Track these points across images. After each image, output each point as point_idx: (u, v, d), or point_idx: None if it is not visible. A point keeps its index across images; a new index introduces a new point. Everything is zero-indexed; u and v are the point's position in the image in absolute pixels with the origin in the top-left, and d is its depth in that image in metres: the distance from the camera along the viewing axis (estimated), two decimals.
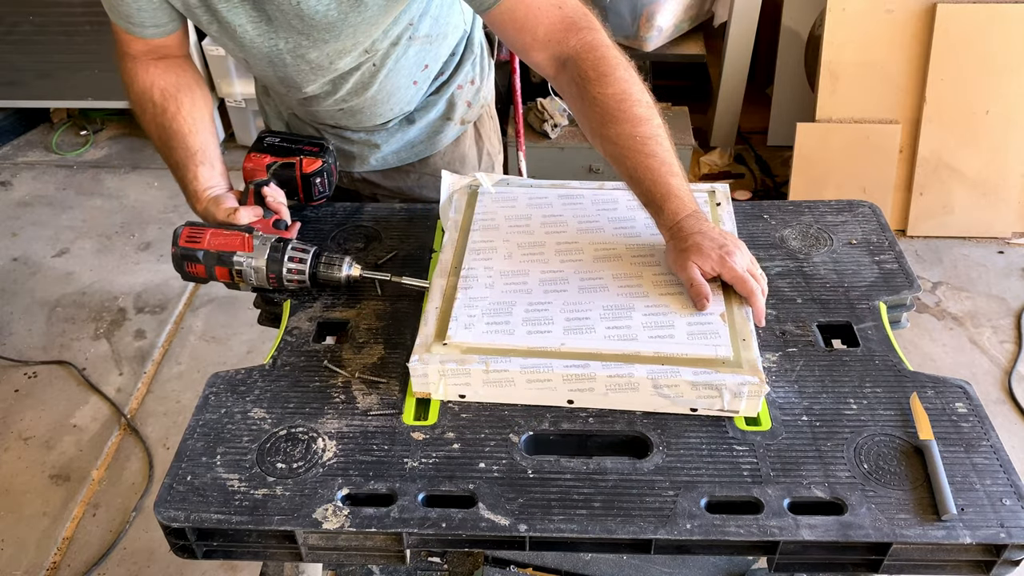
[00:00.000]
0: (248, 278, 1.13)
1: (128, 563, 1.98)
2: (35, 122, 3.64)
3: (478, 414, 1.00)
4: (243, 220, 1.15)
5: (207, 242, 1.12)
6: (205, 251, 1.12)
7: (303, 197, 1.28)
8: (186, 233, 1.13)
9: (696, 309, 1.03)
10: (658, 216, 1.08)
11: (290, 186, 1.26)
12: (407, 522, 0.88)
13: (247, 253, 1.11)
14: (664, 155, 1.06)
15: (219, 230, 1.13)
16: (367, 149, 1.38)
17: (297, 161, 1.25)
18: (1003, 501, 0.88)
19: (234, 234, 1.13)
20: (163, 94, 1.21)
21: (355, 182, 1.45)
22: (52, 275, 2.86)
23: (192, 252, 1.12)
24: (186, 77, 1.24)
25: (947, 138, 2.74)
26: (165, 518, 0.90)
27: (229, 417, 1.01)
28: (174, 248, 1.14)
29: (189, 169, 1.19)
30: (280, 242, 1.13)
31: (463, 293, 1.07)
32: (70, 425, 2.32)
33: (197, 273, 1.14)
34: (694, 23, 3.07)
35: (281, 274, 1.12)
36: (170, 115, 1.20)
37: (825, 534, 0.86)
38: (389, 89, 1.27)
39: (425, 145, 1.40)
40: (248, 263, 1.11)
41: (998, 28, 2.62)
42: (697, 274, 1.03)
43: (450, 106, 1.38)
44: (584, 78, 1.07)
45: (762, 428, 0.97)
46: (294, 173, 1.26)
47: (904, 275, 1.18)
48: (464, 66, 1.36)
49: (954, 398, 0.99)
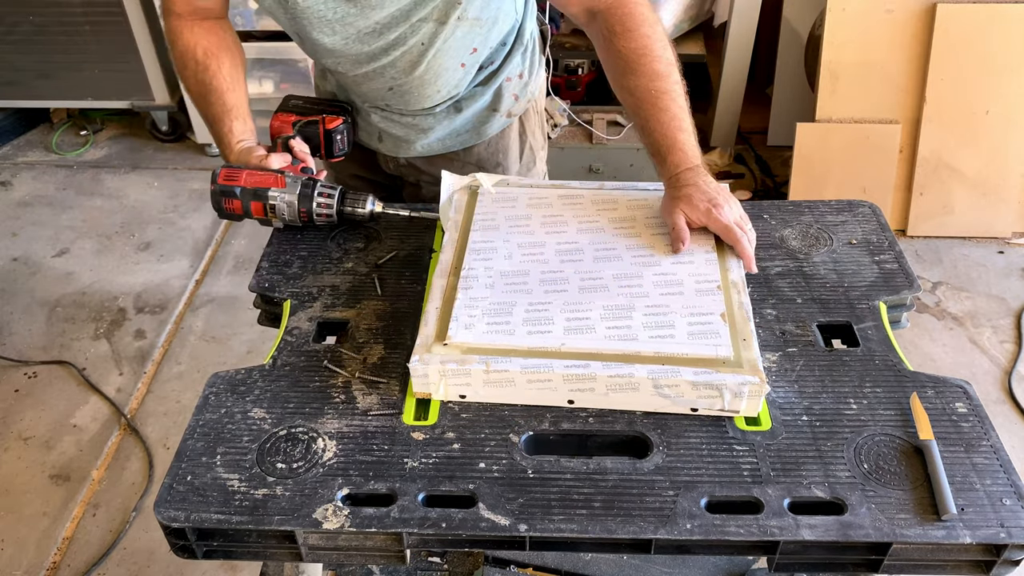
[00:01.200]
0: (281, 213, 1.23)
1: (128, 563, 1.98)
2: (35, 122, 3.64)
3: (478, 414, 1.00)
4: (275, 165, 1.24)
5: (243, 180, 1.22)
6: (242, 188, 1.21)
7: (324, 152, 1.39)
8: (224, 173, 1.23)
9: (671, 251, 1.11)
10: (661, 167, 1.15)
11: (313, 142, 1.36)
12: (407, 522, 0.88)
13: (281, 189, 1.21)
14: (676, 110, 1.13)
15: (254, 171, 1.23)
16: (414, 133, 1.42)
17: (320, 119, 1.37)
18: (1003, 501, 0.88)
19: (268, 174, 1.22)
20: (205, 53, 1.30)
21: (400, 167, 1.50)
22: (52, 275, 2.86)
23: (230, 188, 1.22)
24: (226, 39, 1.34)
25: (947, 138, 2.74)
26: (165, 518, 0.90)
27: (229, 417, 1.01)
28: (213, 186, 1.23)
29: (225, 123, 1.29)
30: (310, 180, 1.24)
31: (463, 293, 1.07)
32: (70, 425, 2.32)
33: (233, 209, 1.23)
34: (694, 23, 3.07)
35: (312, 209, 1.23)
36: (211, 72, 1.30)
37: (825, 534, 0.86)
38: (437, 69, 1.29)
39: (470, 135, 1.43)
40: (282, 198, 1.21)
41: (998, 28, 2.62)
42: (680, 220, 1.11)
43: (497, 97, 1.40)
44: (611, 31, 1.16)
45: (762, 428, 0.97)
46: (317, 130, 1.37)
47: (904, 275, 1.18)
48: (513, 58, 1.39)
49: (954, 398, 0.99)
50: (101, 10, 3.04)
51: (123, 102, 3.30)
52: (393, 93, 1.34)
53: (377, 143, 1.47)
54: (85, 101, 3.34)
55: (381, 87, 1.33)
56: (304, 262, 1.24)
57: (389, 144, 1.45)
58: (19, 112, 3.56)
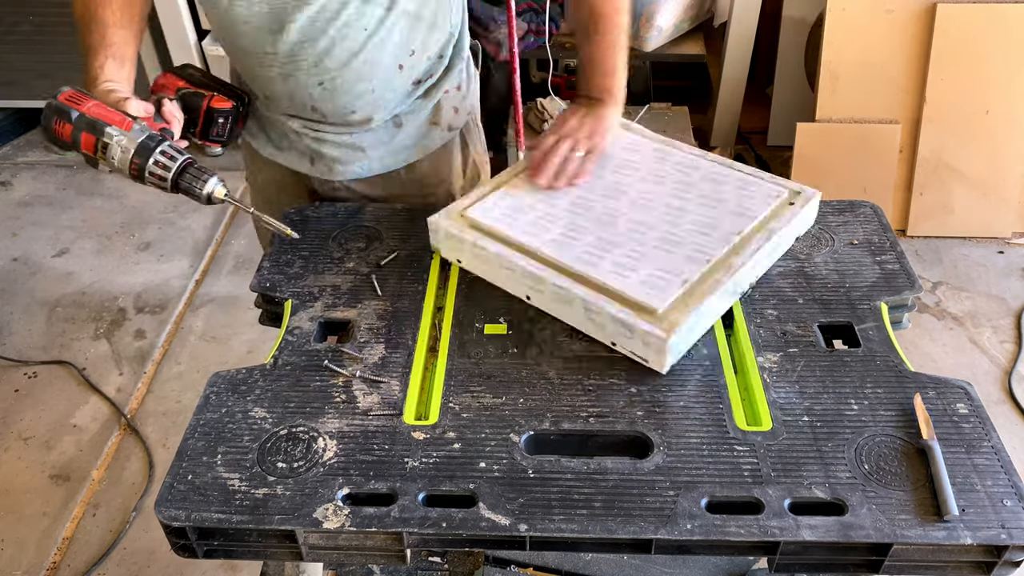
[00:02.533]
0: (112, 156, 1.06)
1: (128, 563, 1.98)
2: (35, 122, 3.64)
3: (479, 414, 1.00)
4: (132, 110, 1.09)
5: (87, 108, 1.06)
6: (80, 113, 1.05)
7: (200, 132, 1.24)
8: (69, 93, 1.07)
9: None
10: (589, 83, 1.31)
11: (193, 115, 1.22)
12: (407, 522, 0.88)
13: (122, 130, 1.05)
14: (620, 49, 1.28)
15: (103, 105, 1.08)
16: (351, 153, 1.35)
17: (209, 95, 1.23)
18: (1004, 502, 0.88)
19: (117, 113, 1.07)
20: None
21: (336, 191, 1.41)
22: (52, 275, 2.86)
23: (67, 109, 1.05)
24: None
25: (947, 138, 2.74)
26: (166, 517, 0.90)
27: (230, 416, 1.01)
28: (50, 100, 1.07)
29: (98, 58, 1.14)
30: (160, 137, 1.08)
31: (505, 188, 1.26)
32: (70, 425, 2.32)
33: (62, 135, 1.07)
34: (694, 23, 3.07)
35: (146, 165, 1.06)
36: (102, 1, 1.17)
37: (826, 534, 0.86)
38: (374, 62, 1.22)
39: (412, 150, 1.38)
40: (120, 140, 1.05)
41: (998, 28, 2.62)
42: (546, 141, 1.27)
43: (437, 111, 1.37)
44: None
45: (763, 428, 0.97)
46: (200, 104, 1.23)
47: (905, 275, 1.18)
48: (452, 72, 1.36)
49: (955, 399, 0.99)
50: None
51: None
52: (323, 90, 1.24)
53: (309, 167, 1.37)
54: None
55: (309, 83, 1.23)
56: (305, 262, 1.24)
57: (322, 167, 1.36)
58: (19, 112, 3.56)
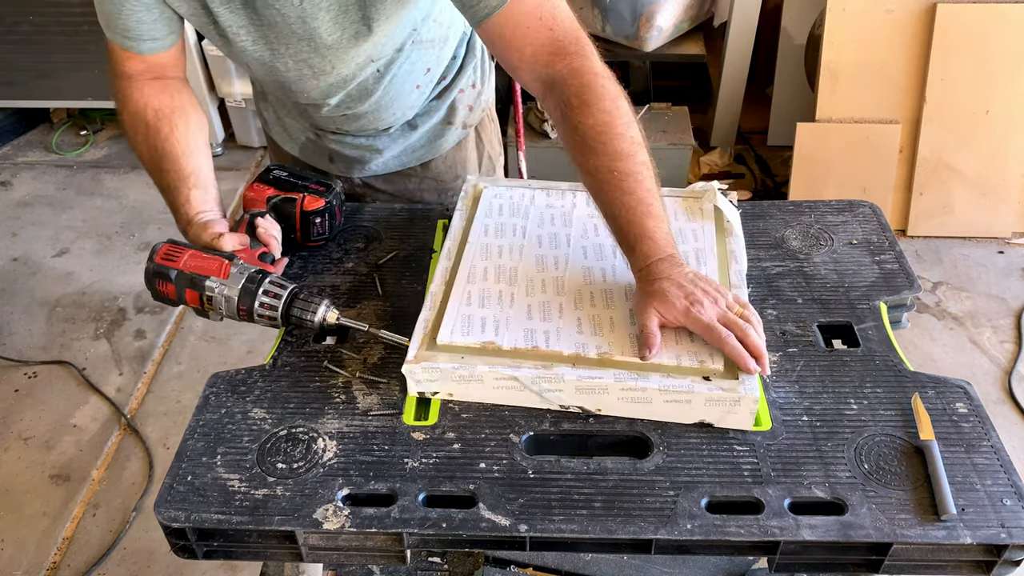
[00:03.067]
0: (219, 306, 1.06)
1: (128, 563, 1.98)
2: (35, 122, 3.64)
3: (478, 414, 1.00)
4: (227, 246, 1.09)
5: (183, 263, 1.06)
6: (179, 271, 1.06)
7: (300, 236, 1.23)
8: (164, 250, 1.08)
9: (639, 357, 0.98)
10: (630, 256, 1.03)
11: (289, 222, 1.21)
12: (407, 522, 0.88)
13: (222, 280, 1.05)
14: (643, 194, 1.01)
15: (200, 252, 1.07)
16: (368, 154, 1.37)
17: (300, 197, 1.21)
18: (1004, 501, 0.88)
19: (213, 258, 1.06)
20: (157, 114, 1.16)
21: (355, 188, 1.44)
22: (52, 275, 2.86)
23: (165, 270, 1.06)
24: (181, 98, 1.20)
25: (947, 138, 2.74)
26: (165, 518, 0.90)
27: (229, 417, 1.01)
28: (148, 263, 1.08)
29: (181, 192, 1.14)
30: (259, 274, 1.06)
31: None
32: (70, 425, 2.32)
33: (167, 294, 1.08)
34: (694, 23, 3.07)
35: (253, 307, 1.05)
36: (163, 136, 1.15)
37: (826, 534, 0.86)
38: (392, 94, 1.26)
39: (427, 150, 1.40)
40: (221, 290, 1.05)
41: (998, 28, 2.62)
42: (652, 323, 0.98)
43: (452, 111, 1.37)
44: (567, 105, 1.03)
45: (762, 428, 0.97)
46: (294, 209, 1.21)
47: (904, 275, 1.18)
48: (466, 70, 1.36)
49: (955, 398, 0.99)
50: None
51: None
52: (347, 119, 1.29)
53: (328, 164, 1.40)
54: (85, 101, 3.34)
55: (334, 114, 1.28)
56: (305, 262, 1.24)
57: (341, 166, 1.39)
58: (19, 112, 3.56)
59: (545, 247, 1.16)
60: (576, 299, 1.07)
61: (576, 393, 0.97)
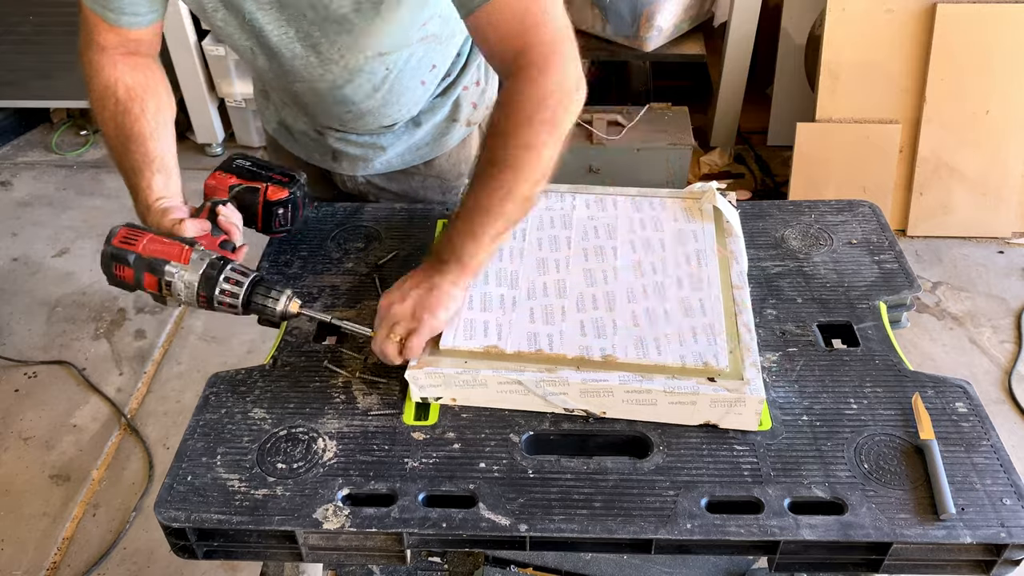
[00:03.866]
0: (177, 292, 1.03)
1: (128, 563, 1.98)
2: (35, 122, 3.64)
3: (478, 414, 1.00)
4: (188, 232, 1.07)
5: (142, 246, 1.04)
6: (137, 255, 1.03)
7: (261, 226, 1.22)
8: (122, 233, 1.05)
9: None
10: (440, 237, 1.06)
11: (251, 211, 1.20)
12: (407, 522, 0.88)
13: (182, 265, 1.03)
14: (482, 218, 1.01)
15: (159, 237, 1.05)
16: (372, 152, 1.37)
17: (263, 187, 1.19)
18: (1003, 501, 0.88)
19: (173, 244, 1.04)
20: (128, 92, 1.15)
21: (358, 186, 1.44)
22: (52, 275, 2.86)
23: (123, 254, 1.03)
24: (153, 78, 1.18)
25: (947, 138, 2.74)
26: (165, 518, 0.90)
27: (229, 417, 1.01)
28: (106, 246, 1.05)
29: (144, 176, 1.12)
30: (220, 260, 1.04)
31: None
32: (70, 425, 2.32)
33: (124, 278, 1.05)
34: (694, 23, 3.07)
35: (213, 295, 1.03)
36: (133, 115, 1.14)
37: (825, 534, 0.86)
38: (398, 90, 1.25)
39: (431, 147, 1.39)
40: (181, 276, 1.03)
41: (998, 28, 2.62)
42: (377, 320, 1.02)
43: (456, 107, 1.37)
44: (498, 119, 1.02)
45: (762, 428, 0.97)
46: (257, 199, 1.20)
47: (904, 275, 1.18)
48: (470, 67, 1.36)
49: (954, 398, 0.99)
50: None
51: None
52: (351, 115, 1.28)
53: (332, 162, 1.40)
54: (85, 101, 3.32)
55: (338, 112, 1.27)
56: (304, 262, 1.24)
57: (345, 164, 1.39)
58: (19, 112, 3.56)
59: (546, 250, 1.16)
60: (578, 301, 1.07)
61: (580, 396, 0.97)
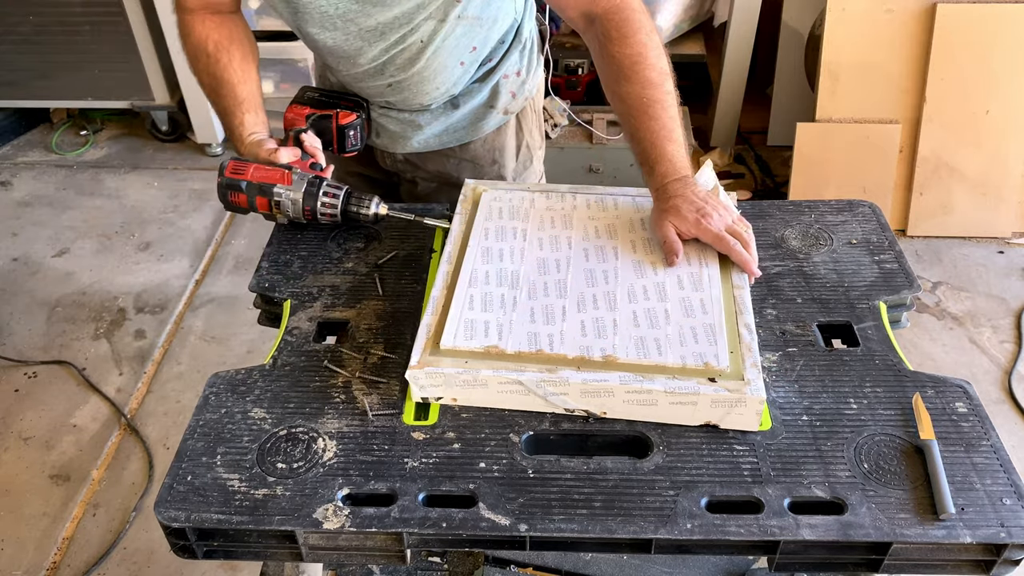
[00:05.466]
0: (286, 209, 1.23)
1: (128, 563, 1.98)
2: (35, 122, 3.64)
3: (478, 414, 1.00)
4: (284, 159, 1.24)
5: (250, 174, 1.22)
6: (248, 182, 1.22)
7: (336, 148, 1.38)
8: (231, 166, 1.22)
9: (666, 264, 1.11)
10: (649, 177, 1.15)
11: (326, 136, 1.36)
12: (407, 522, 0.88)
13: (286, 186, 1.21)
14: (666, 120, 1.13)
15: (261, 165, 1.23)
16: (410, 129, 1.42)
17: (334, 114, 1.36)
18: (1003, 500, 0.88)
19: (275, 169, 1.22)
20: (216, 46, 1.31)
21: (396, 163, 1.50)
22: (52, 275, 2.86)
23: (236, 182, 1.22)
24: (238, 32, 1.34)
25: (947, 138, 2.74)
26: (165, 518, 0.90)
27: (229, 417, 1.01)
28: (220, 178, 1.23)
29: (236, 115, 1.29)
30: (316, 179, 1.23)
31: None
32: (70, 425, 2.32)
33: (239, 203, 1.23)
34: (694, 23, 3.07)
35: (316, 207, 1.22)
36: (222, 65, 1.30)
37: (825, 534, 0.86)
38: (436, 67, 1.30)
39: (467, 131, 1.43)
40: (287, 195, 1.21)
41: (998, 28, 2.62)
42: (671, 233, 1.11)
43: (494, 94, 1.40)
44: (606, 36, 1.16)
45: (762, 428, 0.97)
46: (331, 124, 1.36)
47: (904, 275, 1.18)
48: (511, 55, 1.39)
49: (954, 398, 0.99)
50: (101, 10, 3.04)
51: (123, 102, 3.29)
52: (392, 89, 1.35)
53: (374, 138, 1.47)
54: (85, 101, 3.34)
55: (380, 84, 1.34)
56: (304, 262, 1.24)
57: (385, 139, 1.46)
58: (19, 112, 3.56)
59: (546, 250, 1.16)
60: (579, 301, 1.07)
61: (581, 396, 0.97)
